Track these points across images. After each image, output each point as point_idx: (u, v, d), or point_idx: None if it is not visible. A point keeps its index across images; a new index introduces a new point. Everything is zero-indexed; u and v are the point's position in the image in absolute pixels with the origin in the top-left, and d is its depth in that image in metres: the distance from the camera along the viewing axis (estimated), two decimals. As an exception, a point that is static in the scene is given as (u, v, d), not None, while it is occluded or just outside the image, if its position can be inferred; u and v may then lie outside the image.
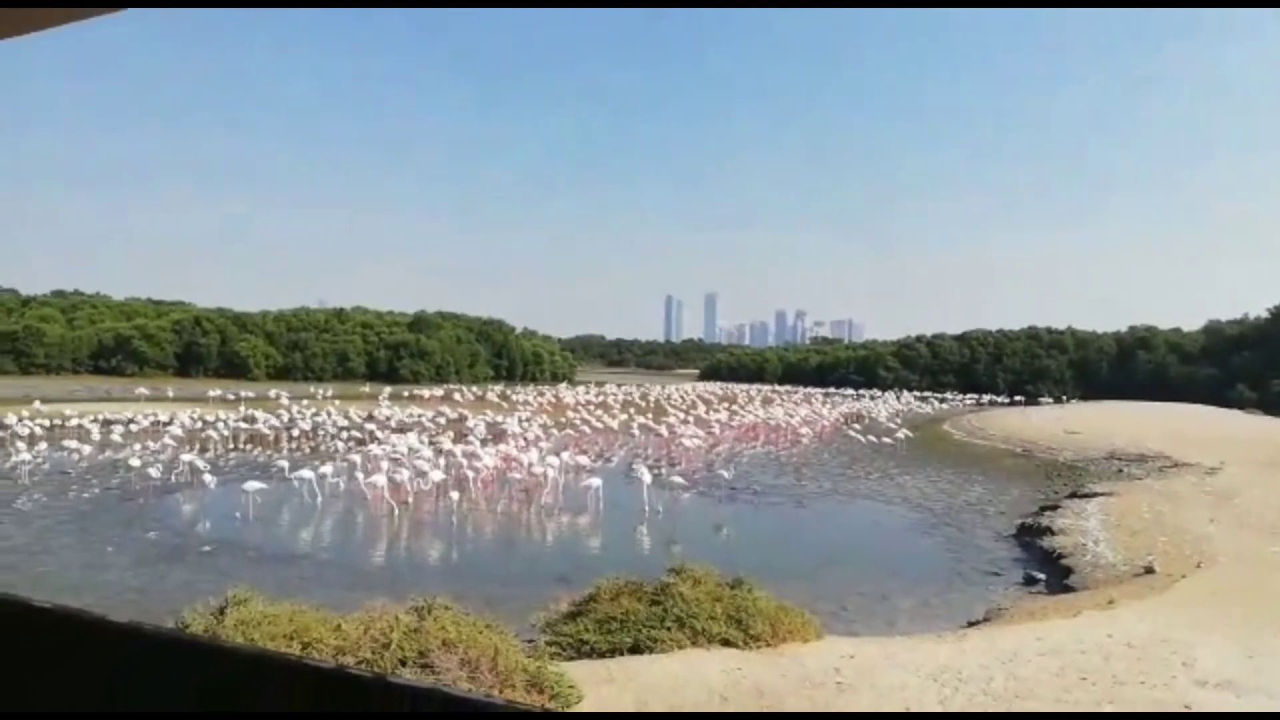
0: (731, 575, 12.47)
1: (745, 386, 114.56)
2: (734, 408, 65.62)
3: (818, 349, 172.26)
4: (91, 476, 28.82)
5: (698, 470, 34.20)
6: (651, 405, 70.37)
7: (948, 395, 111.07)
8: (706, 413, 59.06)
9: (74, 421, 40.43)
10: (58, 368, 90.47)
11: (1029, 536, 22.38)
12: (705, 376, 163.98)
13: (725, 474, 29.87)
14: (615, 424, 49.24)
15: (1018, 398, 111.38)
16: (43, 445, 32.96)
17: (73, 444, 32.41)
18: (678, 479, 27.47)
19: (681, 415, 55.41)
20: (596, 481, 25.34)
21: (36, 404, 46.94)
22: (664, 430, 44.40)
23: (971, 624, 14.43)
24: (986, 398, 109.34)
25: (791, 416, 57.16)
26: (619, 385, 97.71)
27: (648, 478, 26.10)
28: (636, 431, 45.65)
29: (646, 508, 24.47)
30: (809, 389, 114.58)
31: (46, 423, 39.29)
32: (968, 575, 18.89)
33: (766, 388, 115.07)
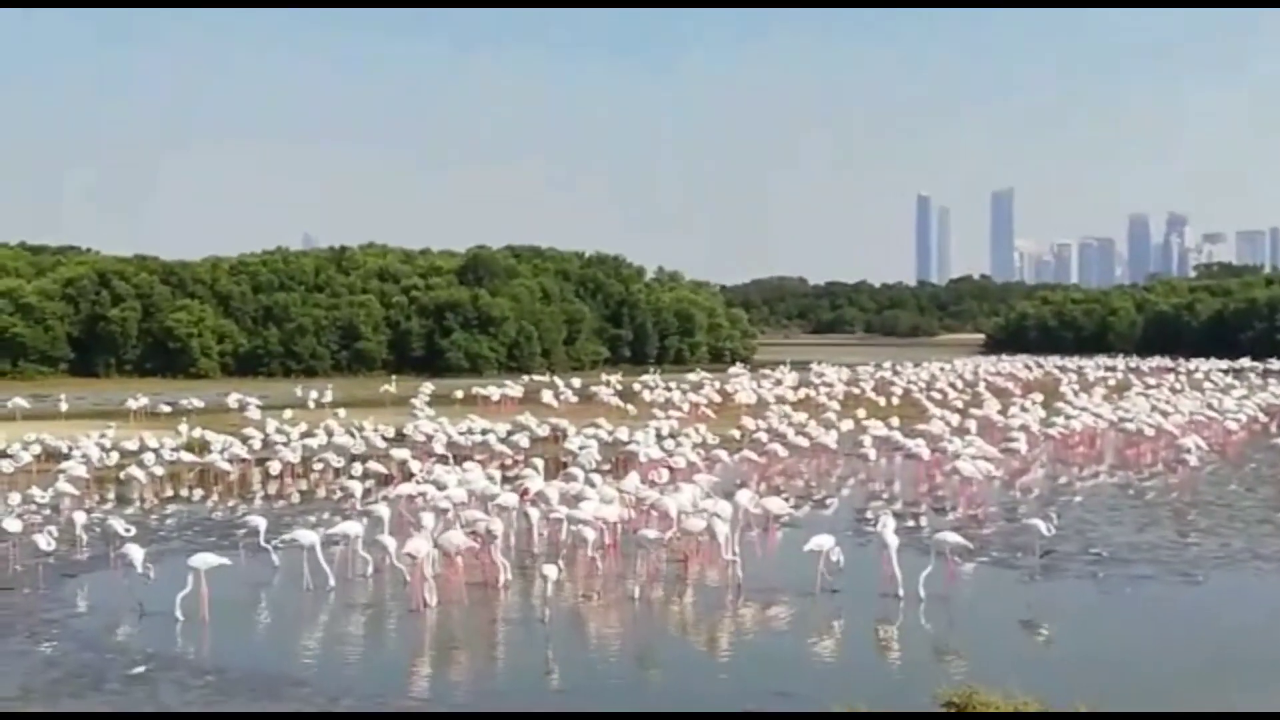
0: (1063, 707, 12.27)
1: (1072, 361, 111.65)
2: (1053, 402, 63.96)
3: (1211, 285, 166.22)
4: (-57, 551, 30.65)
5: (988, 518, 33.66)
6: (897, 401, 69.22)
7: None
8: (1002, 413, 57.84)
9: (-89, 459, 43.06)
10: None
11: None
12: (995, 345, 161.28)
13: (1040, 525, 29.07)
14: (831, 439, 48.74)
15: None
16: None
17: (-89, 497, 34.50)
18: (951, 536, 26.94)
19: (954, 419, 54.45)
20: (826, 541, 25.25)
21: None
22: (923, 447, 43.73)
23: None
24: None
25: (1166, 415, 55.33)
26: (835, 366, 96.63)
27: (893, 538, 25.79)
28: (871, 451, 45.13)
29: (904, 589, 24.25)
30: (1198, 362, 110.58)
31: None
32: None
33: (1117, 361, 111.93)
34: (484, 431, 49.82)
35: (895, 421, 53.48)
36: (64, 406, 67.29)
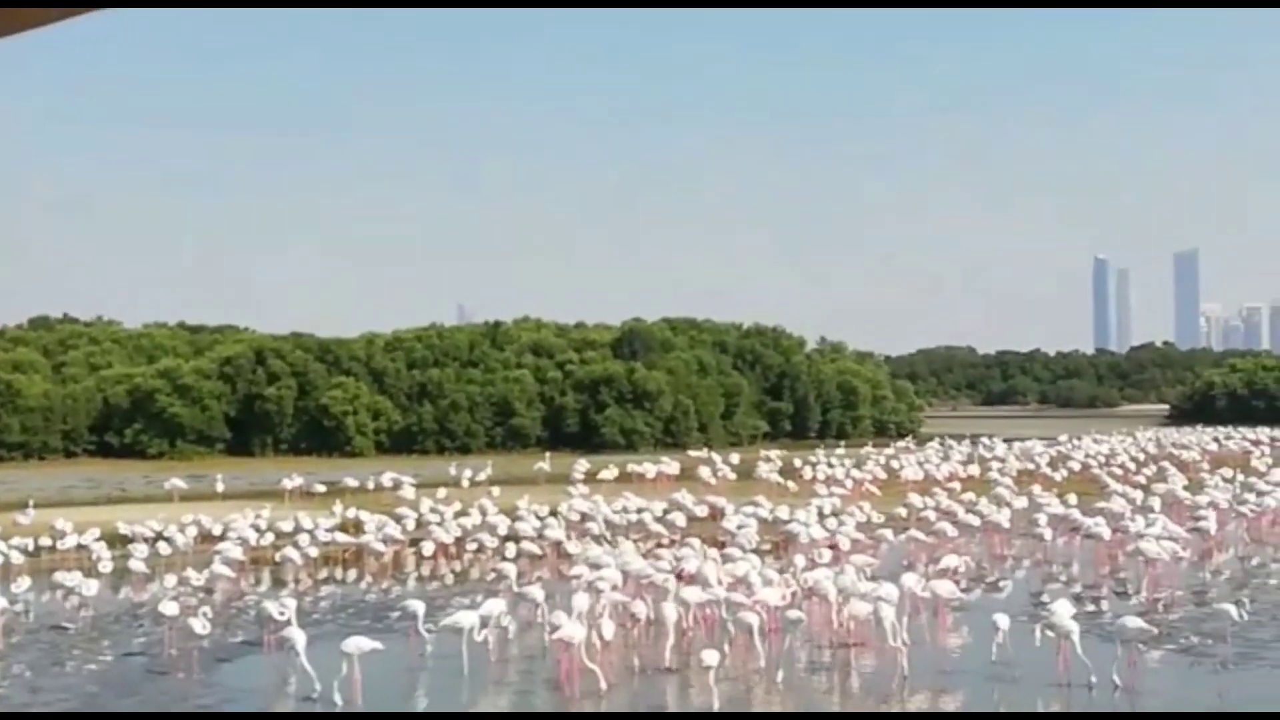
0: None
1: (1265, 433, 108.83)
2: (1245, 478, 62.43)
3: None
4: (100, 634, 31.53)
5: (1175, 603, 33.18)
6: (1074, 476, 68.36)
7: None
8: (1188, 489, 56.51)
9: (70, 540, 44.35)
10: (41, 448, 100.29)
11: None
12: (1180, 416, 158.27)
13: (1232, 610, 28.35)
14: (1004, 517, 48.10)
15: None
16: (23, 581, 36.43)
17: (70, 578, 35.55)
18: (1134, 621, 26.32)
19: (1137, 496, 53.26)
20: (1003, 621, 24.98)
21: (23, 512, 51.94)
22: (1103, 526, 42.84)
23: None
24: None
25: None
26: (1007, 442, 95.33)
27: (1071, 624, 25.29)
28: (1047, 531, 44.39)
29: (1093, 677, 23.97)
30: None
31: (28, 543, 43.42)
32: None
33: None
34: (639, 510, 50.06)
35: (1073, 499, 52.48)
36: (220, 487, 68.88)
